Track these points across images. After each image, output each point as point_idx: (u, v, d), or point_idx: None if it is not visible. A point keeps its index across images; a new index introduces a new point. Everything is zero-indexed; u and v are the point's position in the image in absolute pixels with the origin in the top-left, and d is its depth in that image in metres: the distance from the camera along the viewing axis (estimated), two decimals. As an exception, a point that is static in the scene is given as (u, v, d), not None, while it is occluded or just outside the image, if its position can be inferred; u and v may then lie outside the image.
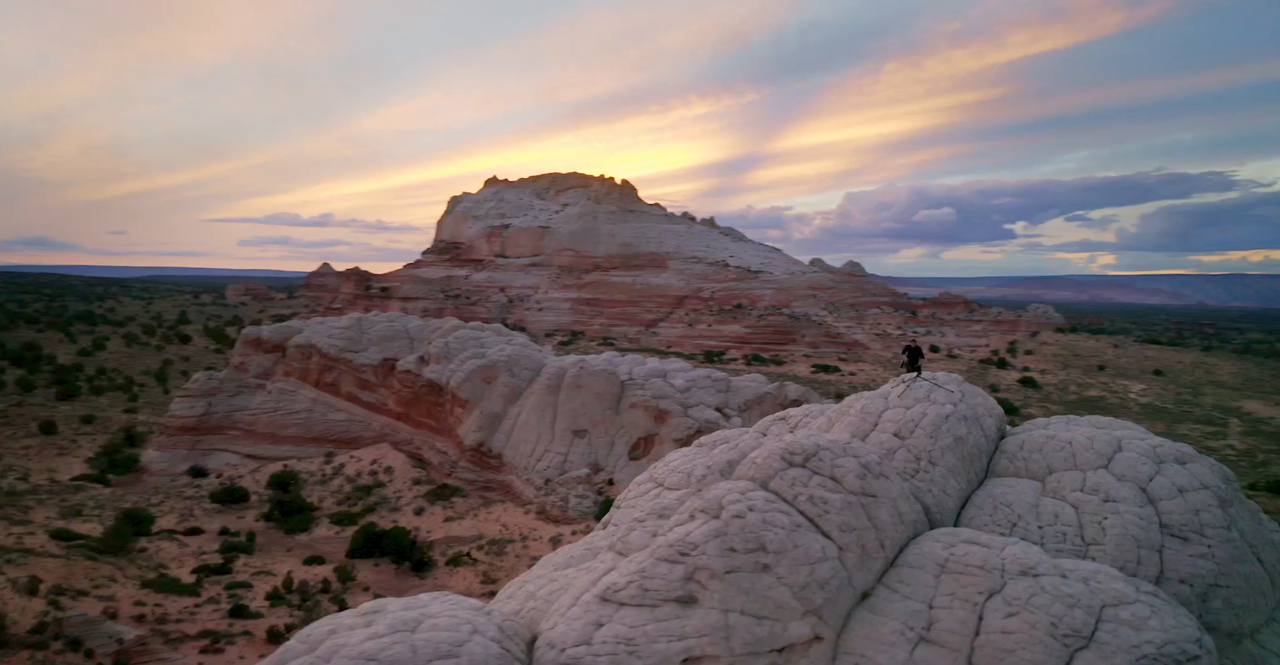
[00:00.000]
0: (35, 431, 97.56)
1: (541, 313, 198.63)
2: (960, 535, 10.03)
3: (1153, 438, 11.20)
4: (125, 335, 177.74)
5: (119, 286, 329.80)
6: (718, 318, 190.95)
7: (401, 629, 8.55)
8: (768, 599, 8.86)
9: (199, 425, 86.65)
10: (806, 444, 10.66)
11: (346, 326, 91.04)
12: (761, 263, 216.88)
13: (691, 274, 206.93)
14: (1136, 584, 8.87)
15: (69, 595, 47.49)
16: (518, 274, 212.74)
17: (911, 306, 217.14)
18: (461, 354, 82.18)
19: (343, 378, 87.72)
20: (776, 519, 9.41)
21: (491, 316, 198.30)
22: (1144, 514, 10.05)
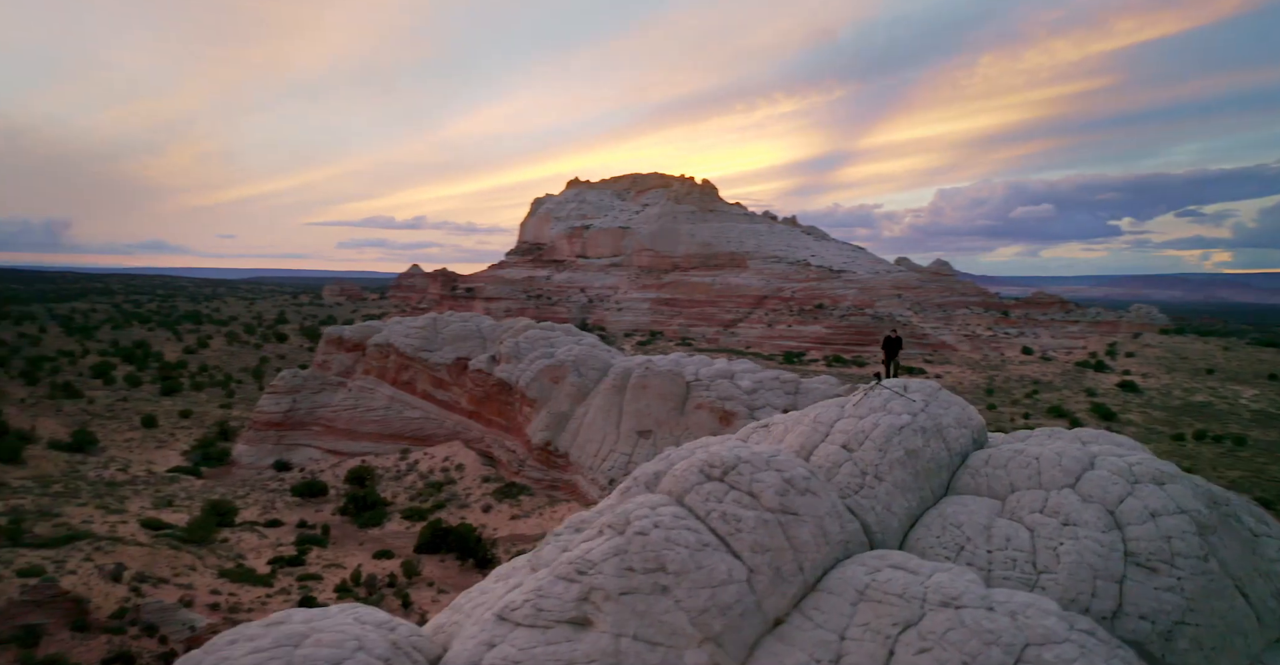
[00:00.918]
0: (138, 425, 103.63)
1: (620, 313, 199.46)
2: (889, 559, 9.23)
3: (1134, 455, 10.04)
4: (227, 334, 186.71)
5: (226, 287, 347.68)
6: (798, 318, 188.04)
7: (285, 644, 8.39)
8: (663, 624, 8.31)
9: (284, 421, 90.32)
10: (727, 456, 10.03)
11: (422, 326, 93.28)
12: (844, 262, 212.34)
13: (771, 273, 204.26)
14: (1073, 620, 7.92)
15: (150, 582, 49.93)
16: (597, 274, 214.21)
17: (1003, 306, 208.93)
18: (531, 354, 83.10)
19: (418, 376, 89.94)
20: (682, 537, 8.84)
21: (571, 317, 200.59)
22: (1106, 540, 9.01)
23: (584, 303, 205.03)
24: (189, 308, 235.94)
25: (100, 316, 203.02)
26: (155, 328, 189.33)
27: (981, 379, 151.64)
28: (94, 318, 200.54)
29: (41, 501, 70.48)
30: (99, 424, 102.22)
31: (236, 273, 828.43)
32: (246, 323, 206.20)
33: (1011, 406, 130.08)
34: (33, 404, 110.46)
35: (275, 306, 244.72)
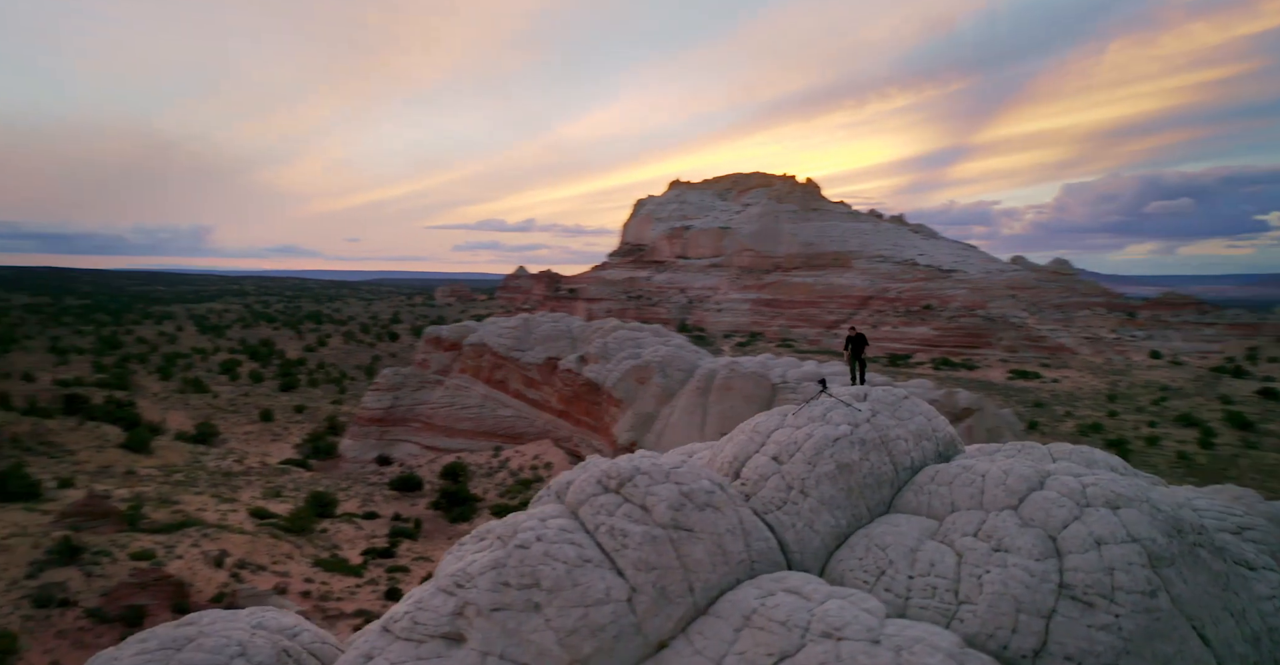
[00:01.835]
0: (256, 419, 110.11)
1: (720, 313, 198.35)
2: (786, 582, 8.55)
3: (1095, 474, 8.95)
4: (345, 333, 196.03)
5: (348, 289, 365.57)
6: (904, 319, 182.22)
7: (169, 646, 8.53)
8: (530, 643, 7.94)
9: (385, 417, 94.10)
10: (624, 467, 9.55)
11: (515, 327, 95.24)
12: (954, 261, 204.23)
13: (876, 273, 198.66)
14: (965, 659, 7.10)
15: (250, 569, 52.81)
16: (698, 275, 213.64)
17: (1129, 307, 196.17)
18: (618, 354, 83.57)
19: (510, 375, 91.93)
20: (562, 552, 8.44)
21: (671, 317, 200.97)
22: (1038, 569, 8.05)
23: (684, 303, 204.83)
24: (312, 308, 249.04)
25: (232, 316, 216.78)
26: (280, 327, 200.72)
27: (1103, 384, 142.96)
28: (226, 317, 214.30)
29: (163, 489, 75.80)
30: (221, 417, 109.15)
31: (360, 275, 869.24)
32: (363, 322, 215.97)
33: (1135, 414, 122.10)
34: (164, 398, 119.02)
35: (391, 307, 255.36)
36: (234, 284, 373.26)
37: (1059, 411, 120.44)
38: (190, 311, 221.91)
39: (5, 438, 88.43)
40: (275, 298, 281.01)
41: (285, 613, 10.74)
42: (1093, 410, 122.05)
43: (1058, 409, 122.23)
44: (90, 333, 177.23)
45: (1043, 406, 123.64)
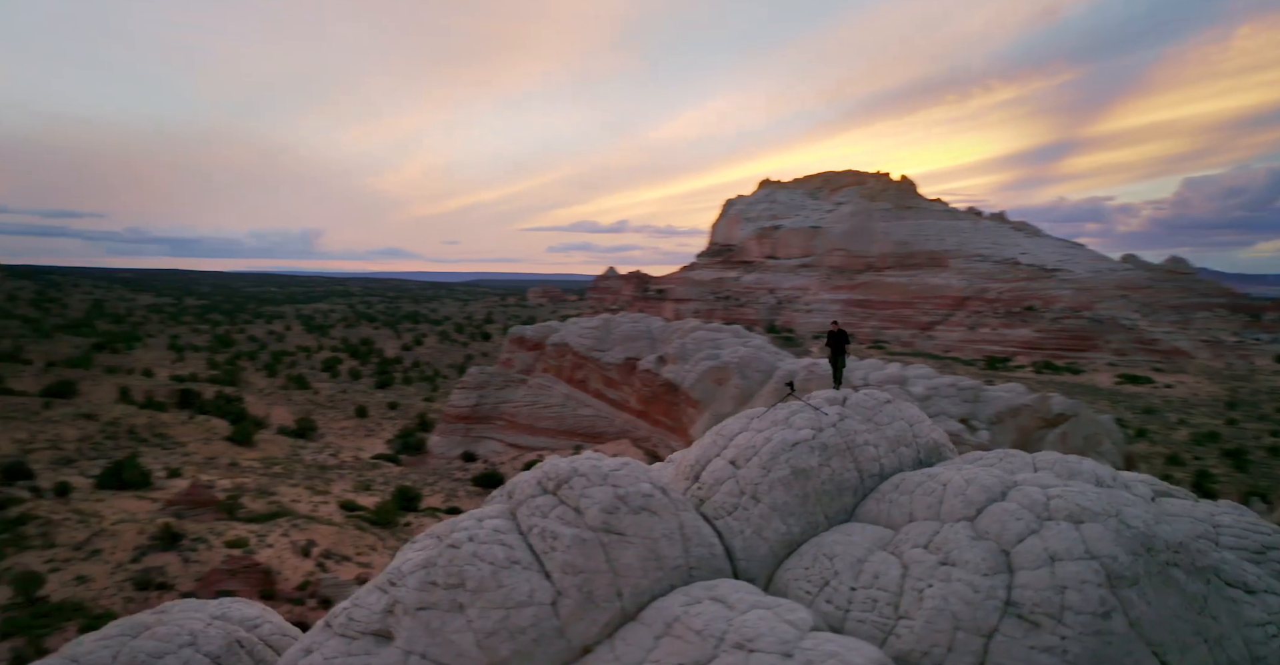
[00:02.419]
0: (352, 414, 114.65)
1: (810, 314, 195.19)
2: (716, 590, 8.23)
3: (1064, 486, 8.26)
4: (440, 333, 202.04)
5: (446, 290, 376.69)
6: (1003, 320, 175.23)
7: (126, 634, 8.91)
8: (451, 644, 7.91)
9: (471, 415, 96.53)
10: (563, 468, 9.42)
11: (595, 327, 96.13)
12: (1059, 260, 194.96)
13: (975, 273, 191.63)
14: None
15: (334, 559, 55.01)
16: (787, 275, 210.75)
17: (1254, 308, 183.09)
18: (697, 355, 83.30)
19: (591, 375, 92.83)
20: (491, 552, 8.39)
21: (760, 318, 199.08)
22: (983, 585, 7.51)
23: (773, 304, 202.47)
24: (411, 308, 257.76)
25: (336, 316, 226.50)
26: (380, 326, 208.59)
27: (1221, 391, 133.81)
28: (331, 317, 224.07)
29: (261, 480, 79.79)
30: (320, 413, 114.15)
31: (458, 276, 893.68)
32: (458, 322, 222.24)
33: (1257, 422, 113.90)
34: (269, 393, 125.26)
35: (485, 308, 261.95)
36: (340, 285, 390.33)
37: (1171, 419, 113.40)
38: (298, 311, 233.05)
39: (124, 430, 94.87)
40: (377, 298, 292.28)
41: (251, 604, 11.14)
42: (1209, 418, 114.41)
43: (1170, 416, 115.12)
44: (206, 331, 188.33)
45: (1153, 413, 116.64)
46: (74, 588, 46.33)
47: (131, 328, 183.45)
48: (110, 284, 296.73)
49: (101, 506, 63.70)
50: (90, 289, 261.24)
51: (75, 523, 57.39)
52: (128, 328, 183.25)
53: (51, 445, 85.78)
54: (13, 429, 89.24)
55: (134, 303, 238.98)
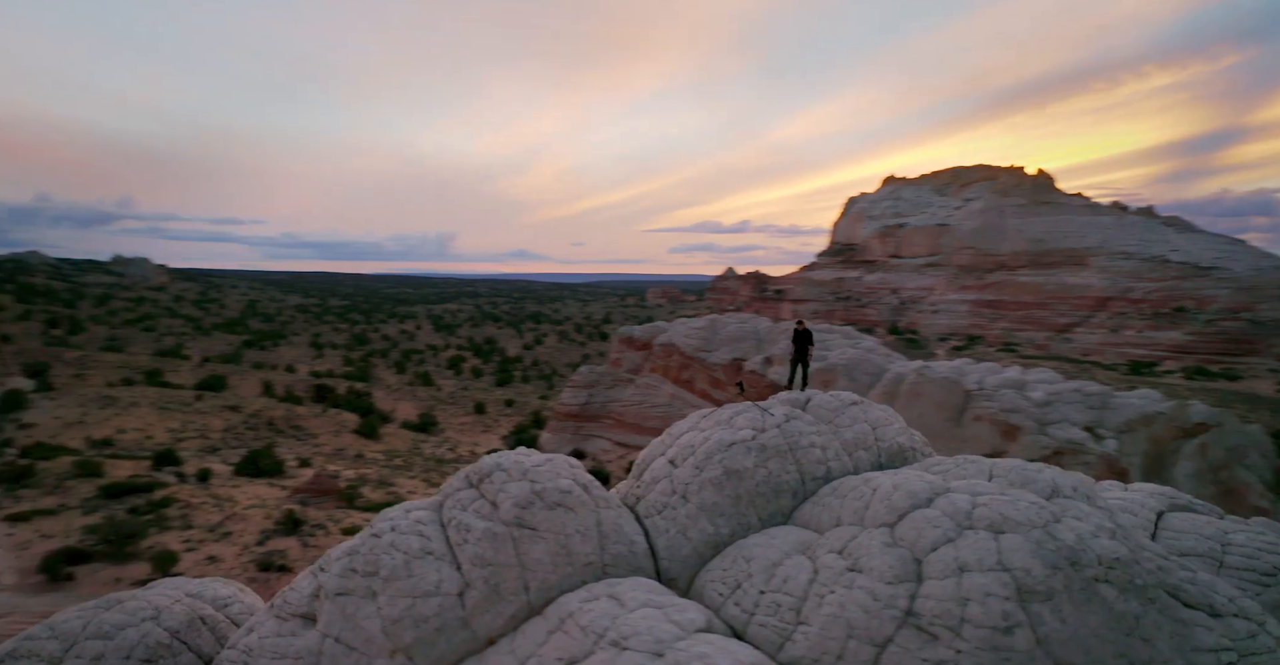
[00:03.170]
0: (471, 411, 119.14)
1: (935, 315, 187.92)
2: (615, 588, 8.01)
3: (996, 495, 7.60)
4: (559, 332, 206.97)
5: (569, 290, 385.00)
6: (1150, 322, 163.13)
7: (101, 606, 9.63)
8: (361, 630, 8.13)
9: (580, 413, 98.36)
10: (488, 462, 9.48)
11: (702, 327, 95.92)
12: (1216, 257, 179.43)
13: (1118, 272, 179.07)
14: None
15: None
16: (911, 275, 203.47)
17: None
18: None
19: (697, 376, 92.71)
20: (407, 542, 8.58)
21: (881, 319, 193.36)
22: (885, 593, 7.05)
23: (895, 305, 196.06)
24: (535, 309, 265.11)
25: (464, 316, 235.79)
26: (504, 326, 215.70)
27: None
28: (459, 317, 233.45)
29: (383, 472, 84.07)
30: (442, 409, 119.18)
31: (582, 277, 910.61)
32: (577, 322, 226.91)
33: None
34: (397, 389, 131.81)
35: (604, 308, 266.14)
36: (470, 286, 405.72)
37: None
38: (429, 311, 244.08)
39: (264, 421, 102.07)
40: (504, 299, 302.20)
41: (229, 584, 11.87)
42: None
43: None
44: (345, 330, 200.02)
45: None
46: (204, 567, 50.19)
47: (279, 326, 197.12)
48: (264, 285, 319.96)
49: (236, 492, 68.84)
50: (247, 290, 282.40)
51: (211, 506, 62.24)
52: (276, 326, 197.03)
53: (200, 434, 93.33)
54: (168, 419, 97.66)
55: (284, 303, 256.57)
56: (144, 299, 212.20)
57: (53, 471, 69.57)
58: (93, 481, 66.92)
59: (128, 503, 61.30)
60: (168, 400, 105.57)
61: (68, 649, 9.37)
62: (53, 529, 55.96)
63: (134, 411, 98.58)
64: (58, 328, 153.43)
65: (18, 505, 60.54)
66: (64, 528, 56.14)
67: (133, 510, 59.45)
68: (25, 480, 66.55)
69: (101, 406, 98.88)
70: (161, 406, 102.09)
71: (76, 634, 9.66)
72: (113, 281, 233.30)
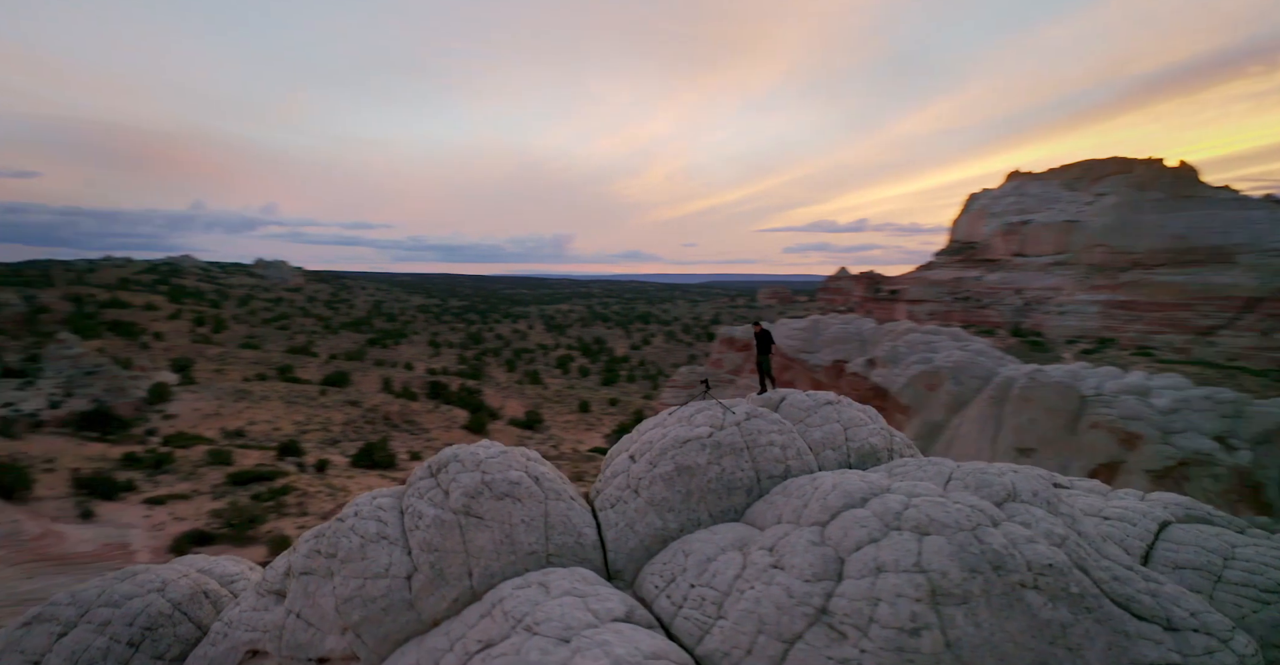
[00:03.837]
0: (576, 409, 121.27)
1: (1063, 317, 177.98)
2: (548, 576, 8.04)
3: (930, 497, 7.21)
4: (667, 333, 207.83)
5: (680, 291, 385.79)
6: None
7: (120, 578, 10.45)
8: (318, 606, 8.51)
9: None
10: (446, 453, 9.69)
11: (803, 328, 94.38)
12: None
13: (1272, 270, 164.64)
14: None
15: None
16: (1037, 274, 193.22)
17: None
18: (908, 358, 79.10)
19: (798, 377, 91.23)
20: (365, 527, 8.89)
21: (1003, 321, 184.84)
22: (800, 591, 6.82)
23: (1019, 306, 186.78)
24: (644, 309, 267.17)
25: (575, 316, 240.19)
26: (613, 326, 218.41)
27: None
28: (570, 317, 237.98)
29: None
30: (548, 407, 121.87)
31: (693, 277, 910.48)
32: (686, 323, 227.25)
33: None
34: (506, 387, 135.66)
35: (714, 309, 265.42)
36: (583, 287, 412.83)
37: None
38: (542, 312, 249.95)
39: (381, 415, 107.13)
40: (615, 300, 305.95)
41: (239, 562, 12.63)
42: None
43: None
44: (462, 330, 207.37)
45: None
46: (313, 550, 53.07)
47: (401, 326, 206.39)
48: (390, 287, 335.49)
49: (350, 482, 72.59)
50: (374, 291, 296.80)
51: (326, 495, 65.85)
52: (398, 326, 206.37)
53: (322, 427, 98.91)
54: (294, 412, 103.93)
55: (407, 303, 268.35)
56: (281, 299, 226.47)
57: (189, 459, 75.37)
58: (223, 469, 72.04)
59: (252, 489, 65.69)
60: (295, 394, 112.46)
61: (82, 614, 10.36)
62: (185, 512, 60.57)
63: (264, 405, 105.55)
64: (204, 326, 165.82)
65: (156, 489, 65.89)
66: (195, 511, 60.68)
67: (256, 496, 63.62)
68: (165, 466, 72.37)
69: (236, 399, 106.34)
70: (289, 400, 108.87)
71: (91, 601, 10.67)
72: (254, 283, 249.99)
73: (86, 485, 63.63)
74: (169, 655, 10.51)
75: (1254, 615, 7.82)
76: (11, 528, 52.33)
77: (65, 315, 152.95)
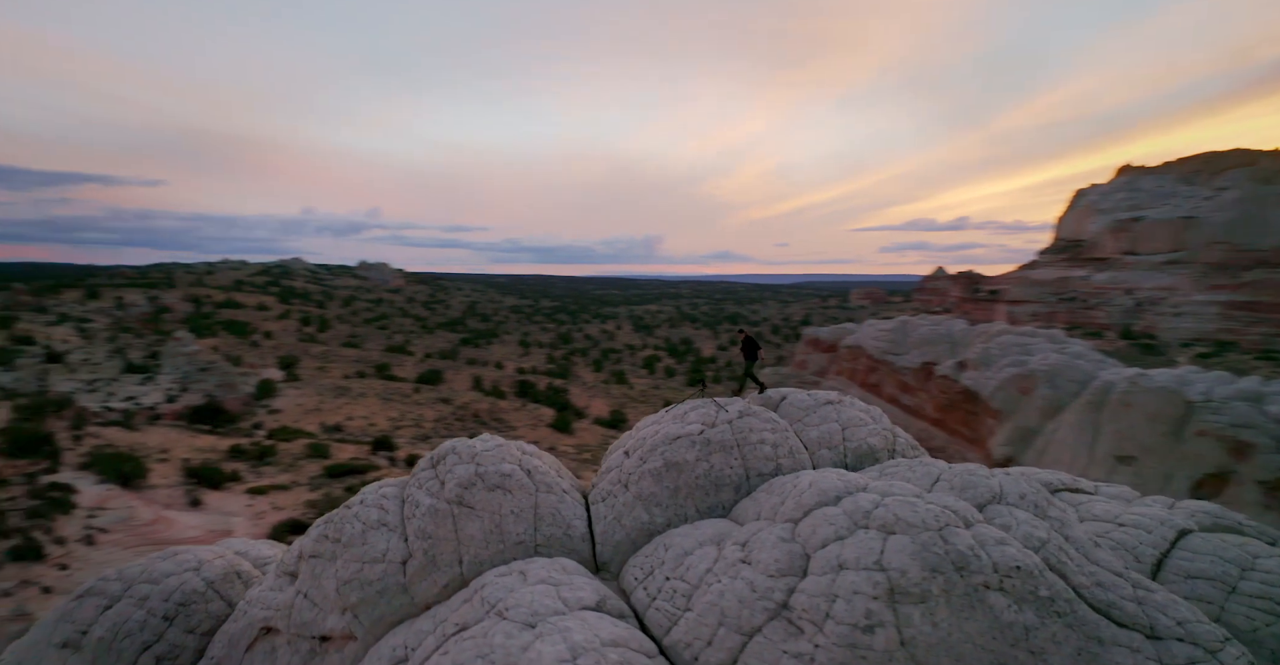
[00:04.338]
0: (660, 408, 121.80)
1: (1178, 318, 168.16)
2: (529, 566, 8.19)
3: (902, 497, 6.99)
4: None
5: (770, 292, 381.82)
6: None
7: (161, 556, 11.18)
8: (322, 588, 8.90)
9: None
10: (445, 446, 9.94)
11: (891, 329, 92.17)
12: None
13: None
14: (601, 652, 6.32)
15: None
16: (1149, 273, 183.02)
17: None
18: (1001, 361, 76.10)
19: (885, 379, 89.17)
20: (367, 514, 9.23)
21: (1112, 322, 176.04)
22: (763, 585, 6.75)
23: (1129, 307, 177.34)
24: (733, 310, 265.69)
25: (663, 317, 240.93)
26: (701, 327, 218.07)
27: None
28: (658, 318, 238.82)
29: (571, 465, 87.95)
30: (632, 406, 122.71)
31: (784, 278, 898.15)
32: (775, 324, 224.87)
33: None
34: (592, 387, 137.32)
35: (804, 309, 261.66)
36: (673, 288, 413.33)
37: None
38: (631, 312, 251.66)
39: (470, 413, 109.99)
40: (704, 300, 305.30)
41: (273, 545, 13.31)
42: None
43: None
44: (552, 330, 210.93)
45: None
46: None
47: (494, 326, 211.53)
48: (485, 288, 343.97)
49: (437, 476, 74.76)
50: (470, 292, 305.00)
51: (413, 488, 68.04)
52: (491, 326, 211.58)
53: (415, 423, 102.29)
54: (389, 408, 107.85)
55: (500, 304, 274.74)
56: (382, 300, 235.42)
57: (290, 452, 79.27)
58: (320, 462, 75.46)
59: (346, 482, 68.58)
60: (391, 392, 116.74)
61: (125, 590, 11.22)
62: (284, 502, 63.76)
63: (362, 401, 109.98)
64: (309, 325, 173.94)
65: (259, 480, 69.55)
66: (293, 501, 63.79)
67: (349, 489, 66.41)
68: (267, 458, 76.35)
69: (336, 396, 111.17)
70: (385, 397, 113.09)
71: (134, 578, 11.56)
72: (358, 284, 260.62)
73: (196, 475, 67.69)
74: (200, 630, 11.33)
75: (1266, 628, 7.40)
76: (127, 513, 56.20)
77: (185, 315, 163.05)
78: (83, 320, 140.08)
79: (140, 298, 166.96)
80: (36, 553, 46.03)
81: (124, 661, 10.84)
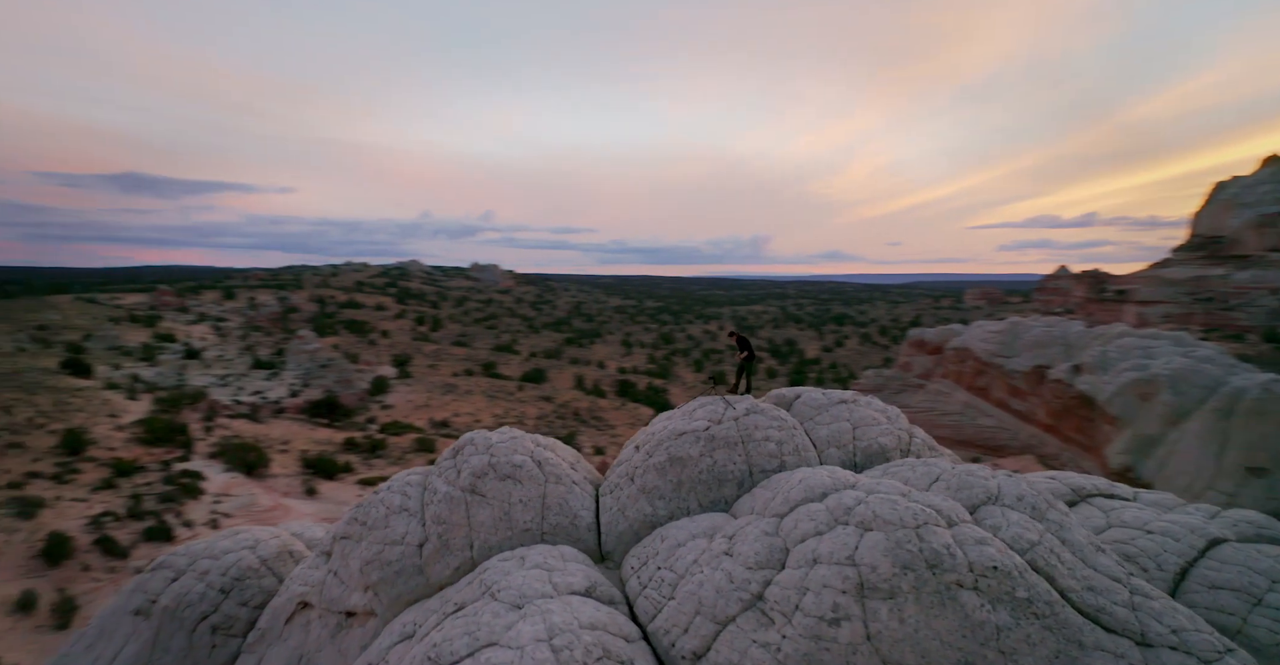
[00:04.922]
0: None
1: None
2: (529, 552, 8.43)
3: (885, 495, 6.81)
4: (862, 335, 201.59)
5: (880, 292, 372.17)
6: None
7: (223, 536, 12.10)
8: (349, 567, 9.39)
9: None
10: (465, 437, 10.24)
11: (1001, 331, 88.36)
12: None
13: None
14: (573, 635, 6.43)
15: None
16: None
17: None
18: (1119, 364, 71.77)
19: (993, 383, 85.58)
20: (391, 499, 9.65)
21: (1254, 324, 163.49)
22: (741, 577, 6.75)
23: (1274, 307, 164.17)
24: (840, 311, 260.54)
25: (767, 317, 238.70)
26: (806, 328, 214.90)
27: None
28: (763, 318, 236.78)
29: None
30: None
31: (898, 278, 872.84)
32: (883, 325, 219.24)
33: None
34: (691, 387, 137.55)
35: (915, 310, 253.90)
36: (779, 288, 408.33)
37: None
38: (735, 313, 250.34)
39: (571, 411, 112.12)
40: (810, 300, 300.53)
41: (326, 527, 14.07)
42: None
43: None
44: (654, 330, 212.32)
45: None
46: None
47: (598, 326, 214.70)
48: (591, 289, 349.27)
49: (535, 472, 76.69)
50: (576, 293, 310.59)
51: (511, 483, 70.01)
52: (595, 326, 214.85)
53: (517, 420, 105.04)
54: (495, 405, 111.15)
55: (605, 304, 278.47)
56: (492, 300, 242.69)
57: (399, 445, 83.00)
58: (427, 455, 78.65)
59: (448, 475, 71.42)
60: (496, 389, 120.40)
61: (190, 564, 12.24)
62: (390, 492, 66.83)
63: (468, 398, 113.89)
64: (423, 325, 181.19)
65: (369, 471, 73.17)
66: (398, 492, 66.79)
67: (450, 482, 69.06)
68: (378, 451, 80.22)
69: (444, 393, 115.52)
70: (490, 395, 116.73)
71: (199, 554, 12.60)
72: (470, 285, 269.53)
73: (312, 465, 71.84)
74: (252, 603, 12.28)
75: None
76: (249, 499, 60.19)
77: (310, 315, 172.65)
78: (219, 319, 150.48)
79: (271, 298, 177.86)
80: (167, 534, 49.92)
81: (185, 630, 11.93)
